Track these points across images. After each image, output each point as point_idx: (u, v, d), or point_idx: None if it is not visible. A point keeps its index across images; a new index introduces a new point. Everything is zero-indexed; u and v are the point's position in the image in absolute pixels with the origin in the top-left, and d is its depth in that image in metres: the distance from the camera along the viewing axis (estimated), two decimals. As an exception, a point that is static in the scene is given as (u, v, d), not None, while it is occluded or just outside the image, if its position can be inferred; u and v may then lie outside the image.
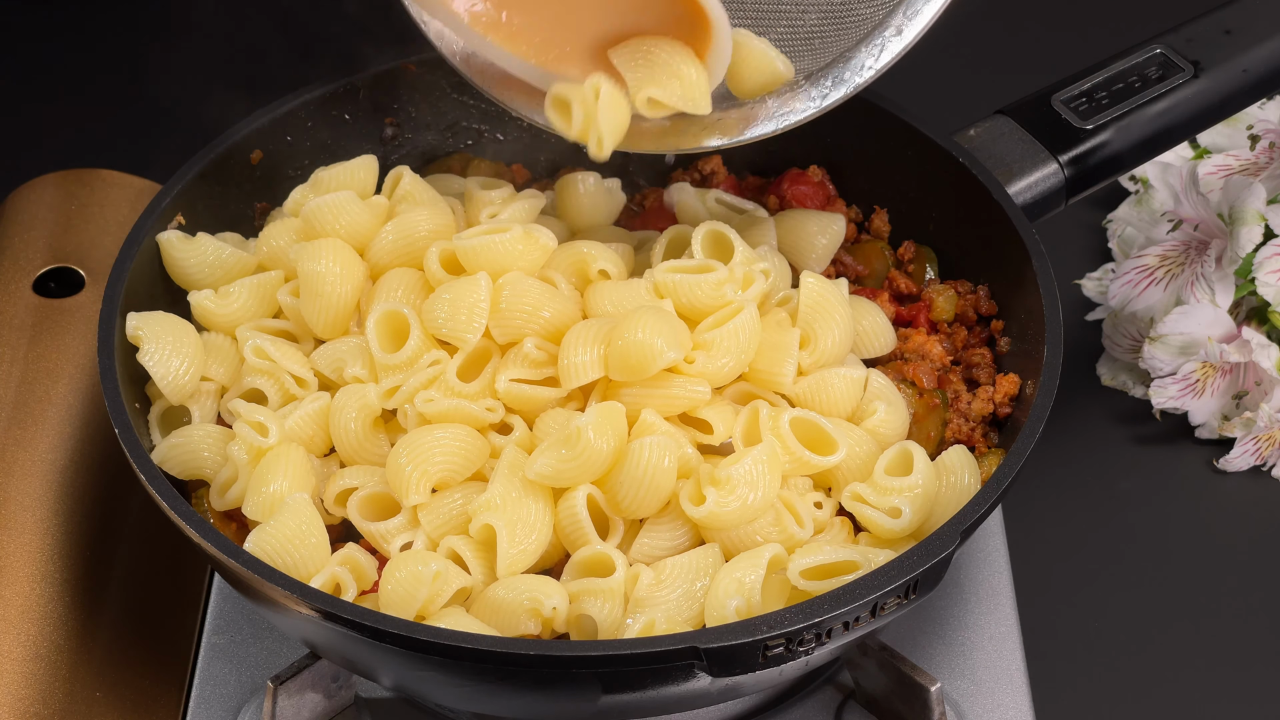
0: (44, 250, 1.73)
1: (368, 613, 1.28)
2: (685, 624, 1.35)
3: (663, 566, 1.37)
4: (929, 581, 1.31)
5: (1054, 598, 1.64)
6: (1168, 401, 1.72)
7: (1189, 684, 1.58)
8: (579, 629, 1.37)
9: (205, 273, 1.55)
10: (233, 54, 2.16)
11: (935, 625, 1.54)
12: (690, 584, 1.36)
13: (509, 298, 1.45)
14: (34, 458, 1.58)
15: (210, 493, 1.46)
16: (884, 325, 1.56)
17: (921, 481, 1.40)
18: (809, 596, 1.31)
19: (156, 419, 1.50)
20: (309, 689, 1.44)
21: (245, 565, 1.32)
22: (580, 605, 1.35)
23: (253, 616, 1.54)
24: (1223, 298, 1.70)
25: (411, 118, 1.72)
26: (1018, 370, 1.54)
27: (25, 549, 1.52)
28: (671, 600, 1.35)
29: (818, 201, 1.67)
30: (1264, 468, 1.74)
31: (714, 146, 1.51)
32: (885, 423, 1.47)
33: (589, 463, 1.37)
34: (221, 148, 1.61)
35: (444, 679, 1.32)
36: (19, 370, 1.64)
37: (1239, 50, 1.66)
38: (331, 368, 1.49)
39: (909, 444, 1.43)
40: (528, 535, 1.37)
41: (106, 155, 1.92)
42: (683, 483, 1.40)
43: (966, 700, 1.49)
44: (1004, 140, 1.61)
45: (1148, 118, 1.63)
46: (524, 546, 1.37)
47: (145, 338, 1.48)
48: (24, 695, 1.45)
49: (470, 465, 1.42)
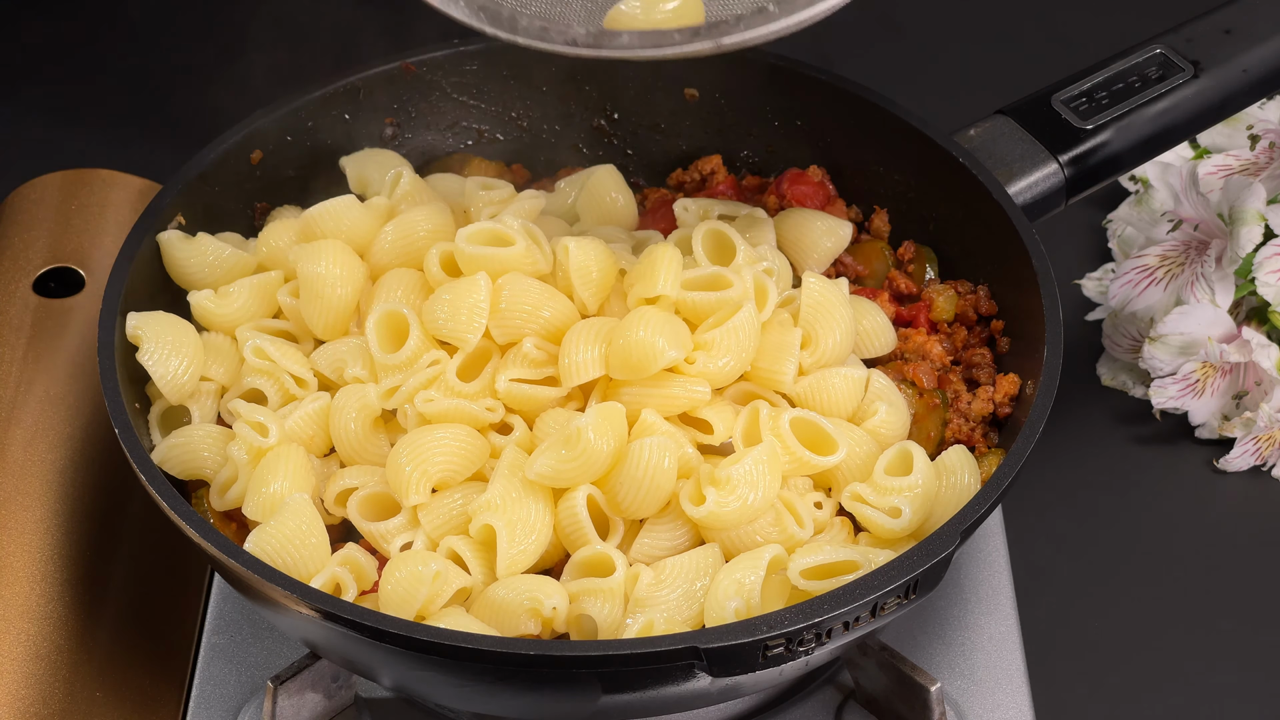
0: (44, 250, 1.73)
1: (368, 613, 1.28)
2: (685, 624, 1.35)
3: (662, 566, 1.37)
4: (929, 581, 1.31)
5: (1054, 598, 1.64)
6: (1168, 401, 1.72)
7: (1189, 684, 1.58)
8: (579, 629, 1.37)
9: (205, 273, 1.55)
10: (233, 54, 2.16)
11: (935, 625, 1.54)
12: (690, 584, 1.36)
13: (509, 298, 1.45)
14: (34, 458, 1.58)
15: (210, 493, 1.46)
16: (884, 325, 1.56)
17: (921, 481, 1.40)
18: (809, 596, 1.31)
19: (156, 419, 1.50)
20: (309, 689, 1.44)
21: (245, 565, 1.32)
22: (580, 605, 1.35)
23: (253, 616, 1.54)
24: (1223, 298, 1.70)
25: (411, 118, 1.72)
26: (1018, 370, 1.54)
27: (25, 549, 1.52)
28: (671, 600, 1.35)
29: (818, 201, 1.67)
30: (1264, 468, 1.74)
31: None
32: (886, 423, 1.47)
33: (589, 463, 1.37)
34: (221, 148, 1.61)
35: (444, 679, 1.32)
36: (19, 370, 1.64)
37: (1239, 50, 1.66)
38: (331, 368, 1.49)
39: (909, 444, 1.43)
40: (528, 535, 1.37)
41: (106, 155, 1.92)
42: (683, 483, 1.40)
43: (966, 700, 1.49)
44: (1004, 140, 1.61)
45: (1148, 118, 1.62)
46: (524, 547, 1.37)
47: (145, 337, 1.48)
48: (24, 695, 1.45)
49: (470, 465, 1.42)
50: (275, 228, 1.57)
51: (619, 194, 1.63)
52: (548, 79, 1.73)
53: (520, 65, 1.72)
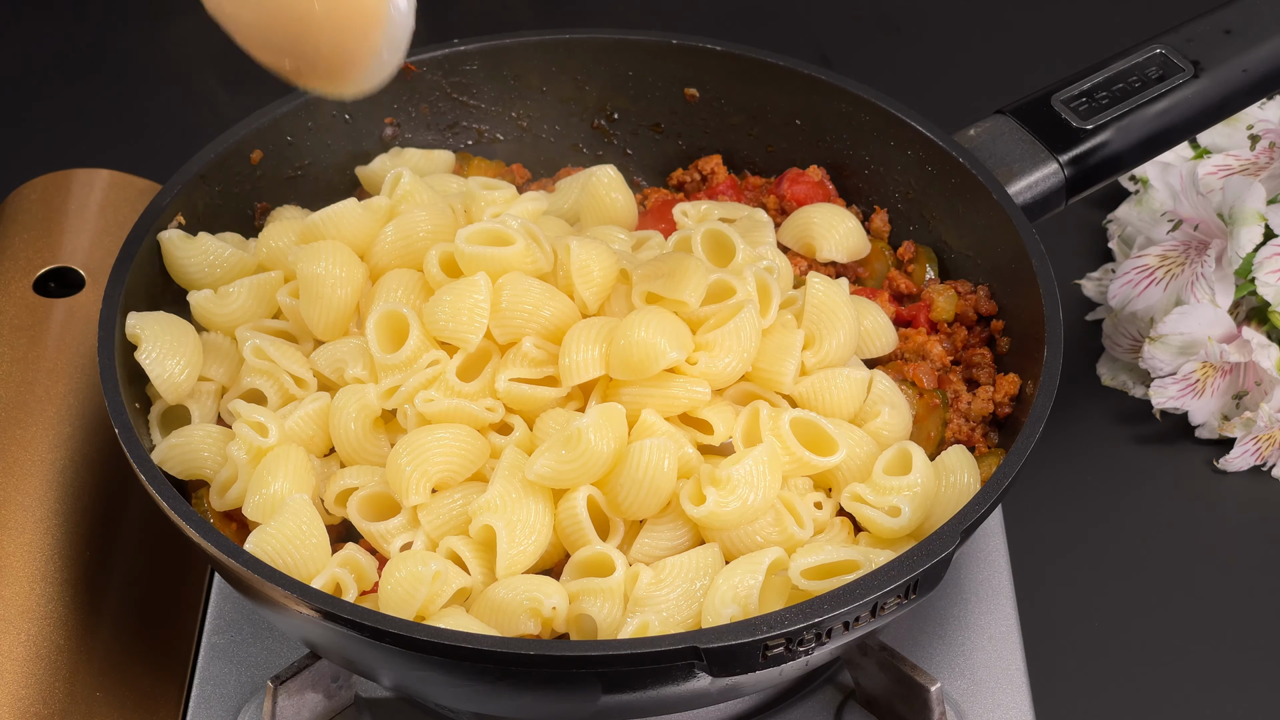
0: (44, 250, 1.73)
1: (368, 613, 1.28)
2: (683, 624, 1.35)
3: (662, 566, 1.37)
4: (929, 581, 1.31)
5: (1054, 598, 1.64)
6: (1168, 401, 1.72)
7: (1189, 683, 1.58)
8: (579, 629, 1.37)
9: (205, 272, 1.55)
10: (233, 53, 2.16)
11: (935, 625, 1.54)
12: (690, 584, 1.36)
13: (509, 297, 1.45)
14: (34, 458, 1.58)
15: (210, 493, 1.46)
16: (885, 325, 1.56)
17: (920, 480, 1.40)
18: (809, 596, 1.31)
19: (156, 419, 1.50)
20: (309, 689, 1.44)
21: (246, 565, 1.32)
22: (580, 605, 1.35)
23: (253, 616, 1.54)
24: (1223, 298, 1.70)
25: (411, 118, 1.72)
26: (1018, 370, 1.54)
27: (25, 549, 1.52)
28: (671, 600, 1.35)
29: (817, 201, 1.67)
30: (1264, 468, 1.74)
31: None
32: (888, 425, 1.47)
33: (589, 464, 1.37)
34: (221, 148, 1.61)
35: (444, 679, 1.32)
36: (19, 370, 1.64)
37: (1239, 50, 1.66)
38: (331, 368, 1.49)
39: (908, 444, 1.43)
40: (527, 536, 1.37)
41: (106, 155, 1.92)
42: (683, 483, 1.40)
43: (966, 700, 1.49)
44: (1004, 140, 1.61)
45: (1148, 118, 1.63)
46: (524, 547, 1.37)
47: (143, 338, 1.48)
48: (24, 695, 1.45)
49: (470, 465, 1.42)
50: (276, 228, 1.57)
51: (619, 194, 1.63)
52: (548, 79, 1.73)
53: (520, 65, 1.72)
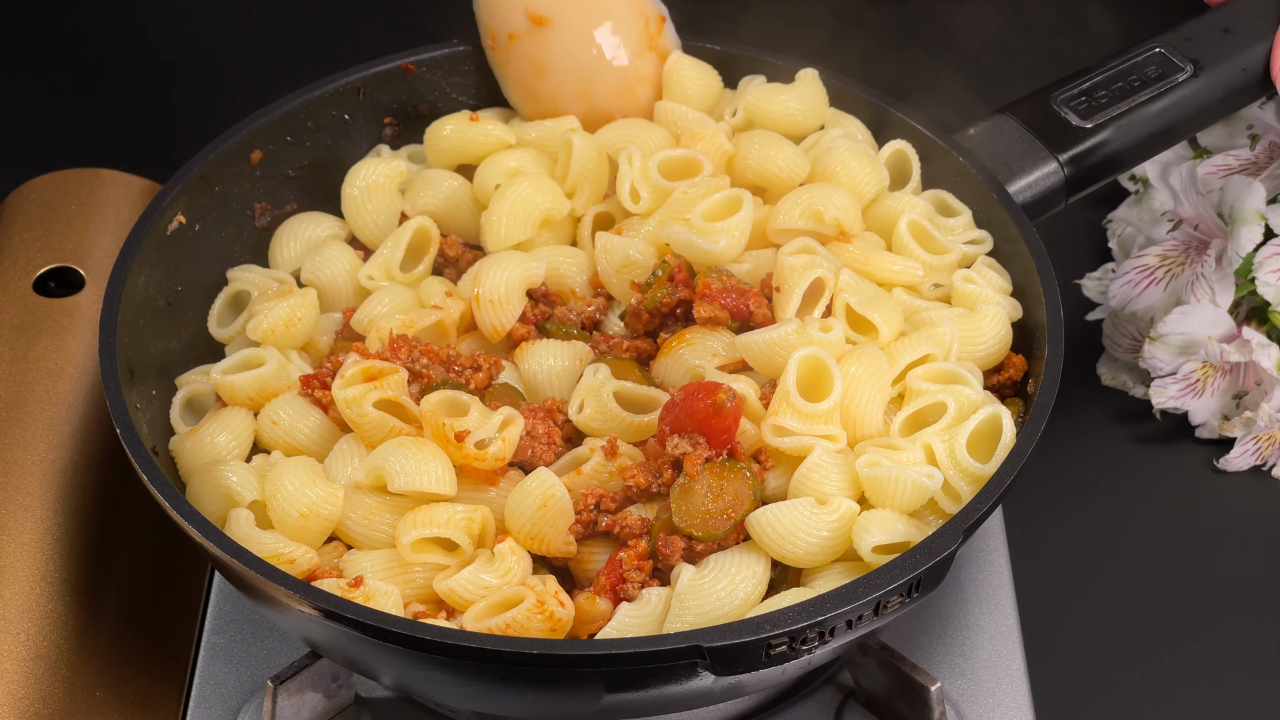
0: (44, 250, 1.73)
1: (370, 612, 1.28)
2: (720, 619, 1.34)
3: (706, 563, 1.36)
4: (931, 580, 1.31)
5: (1054, 598, 1.64)
6: (1168, 401, 1.72)
7: (1189, 683, 1.58)
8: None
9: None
10: (233, 53, 2.17)
11: (935, 625, 1.54)
12: (732, 579, 1.35)
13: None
14: (34, 458, 1.58)
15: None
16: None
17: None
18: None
19: (179, 407, 1.50)
20: (309, 688, 1.44)
21: (247, 564, 1.32)
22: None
23: (253, 616, 1.54)
24: (1223, 298, 1.70)
25: (411, 118, 1.71)
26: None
27: (25, 549, 1.52)
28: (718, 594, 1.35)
29: (818, 201, 1.67)
30: (1264, 468, 1.74)
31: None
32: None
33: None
34: (221, 148, 1.61)
35: (446, 678, 1.32)
36: (19, 370, 1.64)
37: (1238, 49, 1.67)
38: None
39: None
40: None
41: (106, 155, 1.92)
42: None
43: (966, 700, 1.49)
44: (1004, 139, 1.61)
45: (1147, 117, 1.63)
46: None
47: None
48: (24, 695, 1.45)
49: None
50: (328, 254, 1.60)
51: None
52: (548, 79, 1.73)
53: (520, 65, 1.72)
